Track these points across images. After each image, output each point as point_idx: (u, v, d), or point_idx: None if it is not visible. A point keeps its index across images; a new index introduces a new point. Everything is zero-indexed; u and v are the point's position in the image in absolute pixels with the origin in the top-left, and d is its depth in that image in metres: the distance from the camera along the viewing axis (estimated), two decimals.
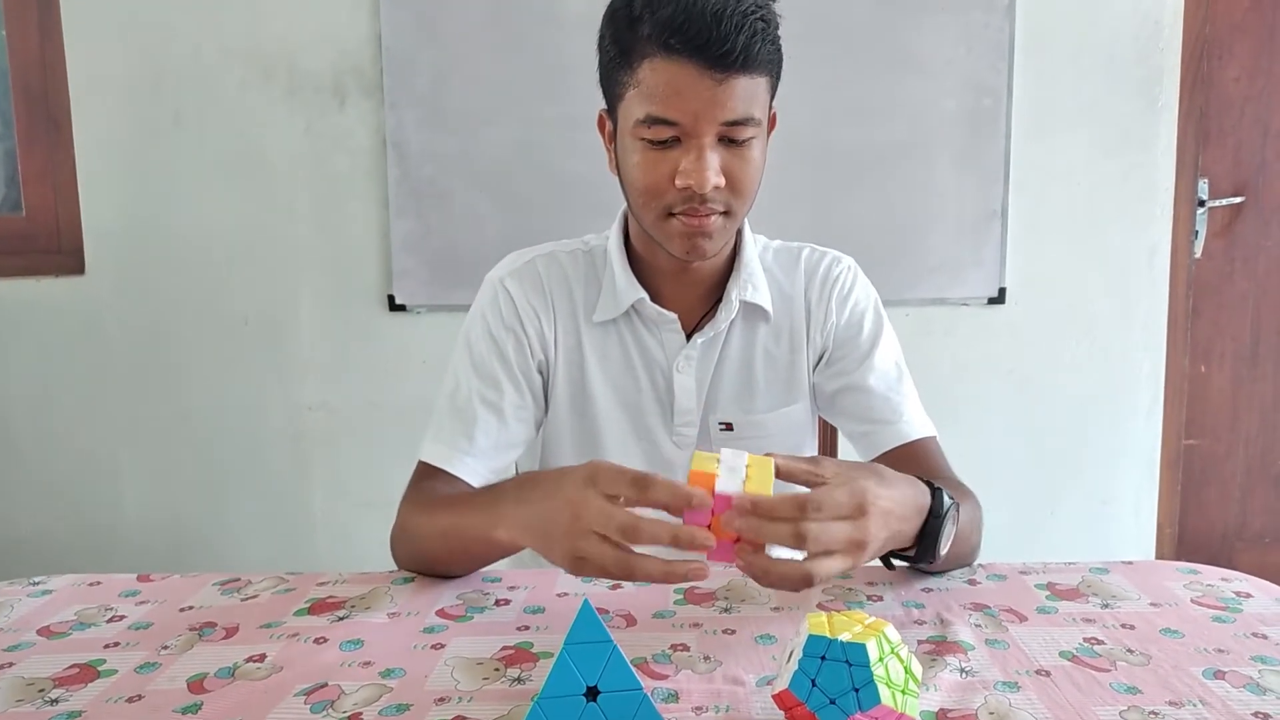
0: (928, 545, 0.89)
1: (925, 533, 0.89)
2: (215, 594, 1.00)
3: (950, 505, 0.90)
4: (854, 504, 0.79)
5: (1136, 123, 2.41)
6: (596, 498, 0.79)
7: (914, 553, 0.90)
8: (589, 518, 0.78)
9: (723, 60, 0.96)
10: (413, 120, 2.36)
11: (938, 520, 0.89)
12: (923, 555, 0.90)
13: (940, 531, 0.89)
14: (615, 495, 0.78)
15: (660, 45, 0.97)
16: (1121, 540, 2.57)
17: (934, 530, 0.89)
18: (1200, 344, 2.55)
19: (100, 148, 2.41)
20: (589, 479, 0.80)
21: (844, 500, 0.78)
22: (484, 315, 1.19)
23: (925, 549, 0.89)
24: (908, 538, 0.87)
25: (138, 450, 2.52)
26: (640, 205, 1.07)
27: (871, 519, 0.79)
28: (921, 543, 0.89)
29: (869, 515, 0.79)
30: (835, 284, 1.23)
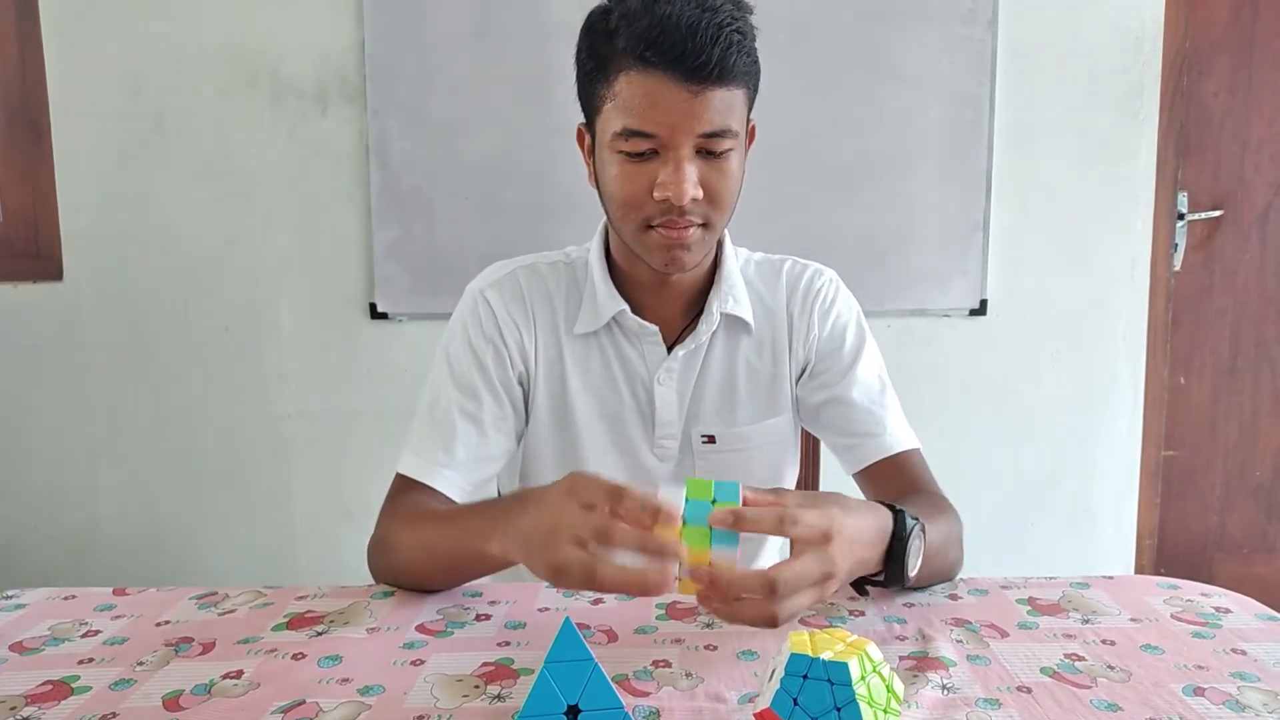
0: (895, 569, 0.89)
1: (891, 556, 0.89)
2: (192, 608, 0.99)
3: (914, 526, 0.90)
4: (823, 528, 0.78)
5: (1117, 136, 2.42)
6: (575, 506, 0.79)
7: (883, 577, 0.90)
8: (566, 524, 0.78)
9: (698, 72, 0.97)
10: (396, 127, 2.35)
11: (902, 543, 0.88)
12: (892, 579, 0.90)
13: (906, 554, 0.89)
14: (593, 504, 0.78)
15: (636, 58, 0.98)
16: (1101, 551, 2.58)
17: (899, 553, 0.88)
18: (1180, 356, 2.57)
19: (80, 153, 2.39)
20: (569, 490, 0.80)
21: (814, 521, 0.78)
22: (464, 326, 1.18)
23: (893, 572, 0.89)
24: (874, 563, 0.87)
25: (116, 458, 2.50)
26: (619, 218, 1.07)
27: (837, 547, 0.79)
28: (889, 566, 0.89)
29: (836, 541, 0.79)
30: (817, 296, 1.23)
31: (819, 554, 0.78)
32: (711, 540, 0.77)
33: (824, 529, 0.78)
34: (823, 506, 0.80)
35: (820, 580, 0.78)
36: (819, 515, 0.78)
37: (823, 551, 0.78)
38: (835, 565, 0.78)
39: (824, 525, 0.78)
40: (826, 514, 0.79)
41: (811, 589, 0.77)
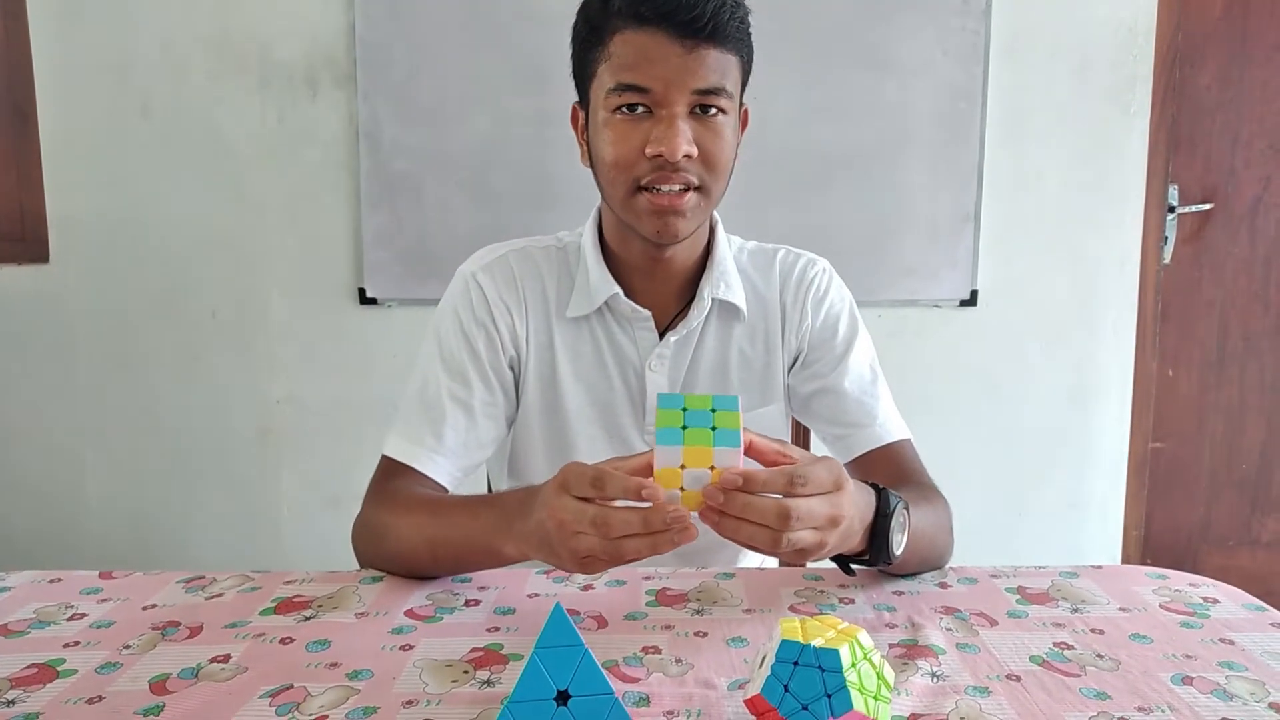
0: (879, 545, 0.89)
1: (875, 533, 0.89)
2: (179, 592, 0.99)
3: (897, 504, 0.91)
4: (833, 479, 0.79)
5: (1109, 128, 2.43)
6: (570, 501, 0.79)
7: (868, 555, 0.90)
8: (569, 520, 0.78)
9: (692, 27, 0.98)
10: (386, 112, 2.34)
11: (885, 519, 0.89)
12: (877, 556, 0.90)
13: (889, 530, 0.89)
14: (586, 496, 0.78)
15: (631, 16, 0.99)
16: (1089, 542, 2.59)
17: (883, 530, 0.89)
18: (1168, 348, 2.58)
19: (66, 136, 2.37)
20: (561, 485, 0.80)
21: (825, 476, 0.79)
22: (455, 310, 1.18)
23: (878, 549, 0.90)
24: (859, 540, 0.88)
25: (102, 443, 2.48)
26: (610, 181, 1.07)
27: (845, 496, 0.80)
28: (873, 544, 0.90)
29: (844, 491, 0.80)
30: (810, 286, 1.23)
31: (829, 497, 0.79)
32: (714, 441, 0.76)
33: (834, 479, 0.79)
34: (828, 460, 0.81)
35: (827, 521, 0.78)
36: (827, 469, 0.79)
37: (832, 496, 0.79)
38: (843, 511, 0.79)
39: (833, 476, 0.79)
40: (834, 467, 0.80)
41: (817, 530, 0.78)
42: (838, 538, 0.80)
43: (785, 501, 0.75)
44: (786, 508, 0.75)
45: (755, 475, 0.76)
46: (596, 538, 0.77)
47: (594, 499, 0.78)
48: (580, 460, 1.20)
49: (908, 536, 0.93)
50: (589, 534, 0.77)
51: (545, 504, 0.81)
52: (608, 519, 0.76)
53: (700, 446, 0.76)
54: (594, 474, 0.77)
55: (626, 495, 0.76)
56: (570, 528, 0.78)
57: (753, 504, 0.75)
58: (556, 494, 0.80)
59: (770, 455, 0.82)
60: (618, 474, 0.77)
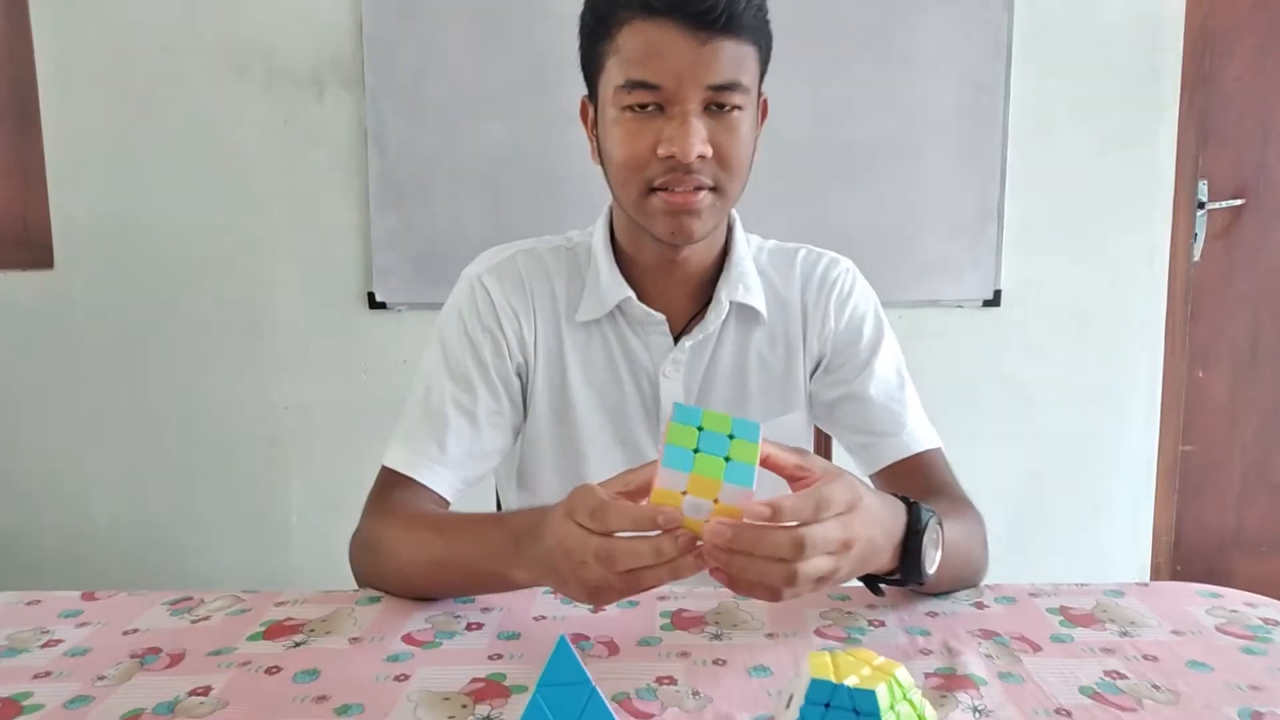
0: (911, 565, 0.83)
1: (906, 551, 0.83)
2: (164, 615, 0.93)
3: (929, 519, 0.84)
4: (848, 498, 0.73)
5: (1136, 121, 2.35)
6: (576, 529, 0.73)
7: (899, 574, 0.84)
8: (575, 550, 0.72)
9: (705, 18, 0.91)
10: (394, 113, 2.29)
11: (917, 537, 0.83)
12: (909, 575, 0.84)
13: (921, 548, 0.83)
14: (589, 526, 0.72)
15: (640, 6, 0.93)
16: (1117, 548, 2.52)
17: (914, 548, 0.83)
18: (1198, 348, 2.50)
19: (70, 139, 2.33)
20: (568, 510, 0.74)
21: (841, 496, 0.72)
22: (460, 314, 1.12)
23: (910, 569, 0.83)
24: (888, 558, 0.81)
25: (106, 450, 2.44)
26: (621, 182, 1.01)
27: (858, 516, 0.73)
28: (905, 562, 0.83)
29: (857, 511, 0.73)
30: (833, 287, 1.16)
31: (842, 520, 0.72)
32: (724, 475, 0.70)
33: (849, 500, 0.73)
34: (845, 476, 0.75)
35: (840, 546, 0.72)
36: (845, 487, 0.73)
37: (845, 518, 0.72)
38: (855, 533, 0.73)
39: (849, 496, 0.73)
40: (851, 485, 0.74)
41: (829, 556, 0.72)
42: (852, 563, 0.74)
43: (798, 531, 0.69)
44: (800, 537, 0.68)
45: (781, 504, 0.69)
46: (604, 570, 0.71)
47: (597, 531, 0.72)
48: (591, 471, 1.16)
49: (941, 553, 0.87)
50: (596, 566, 0.71)
51: (553, 530, 0.75)
52: (612, 552, 0.70)
53: (709, 478, 0.69)
54: (595, 503, 0.71)
55: (635, 527, 0.70)
56: (577, 557, 0.72)
57: (764, 537, 0.69)
58: (563, 520, 0.74)
59: (790, 469, 0.75)
60: (621, 505, 0.71)
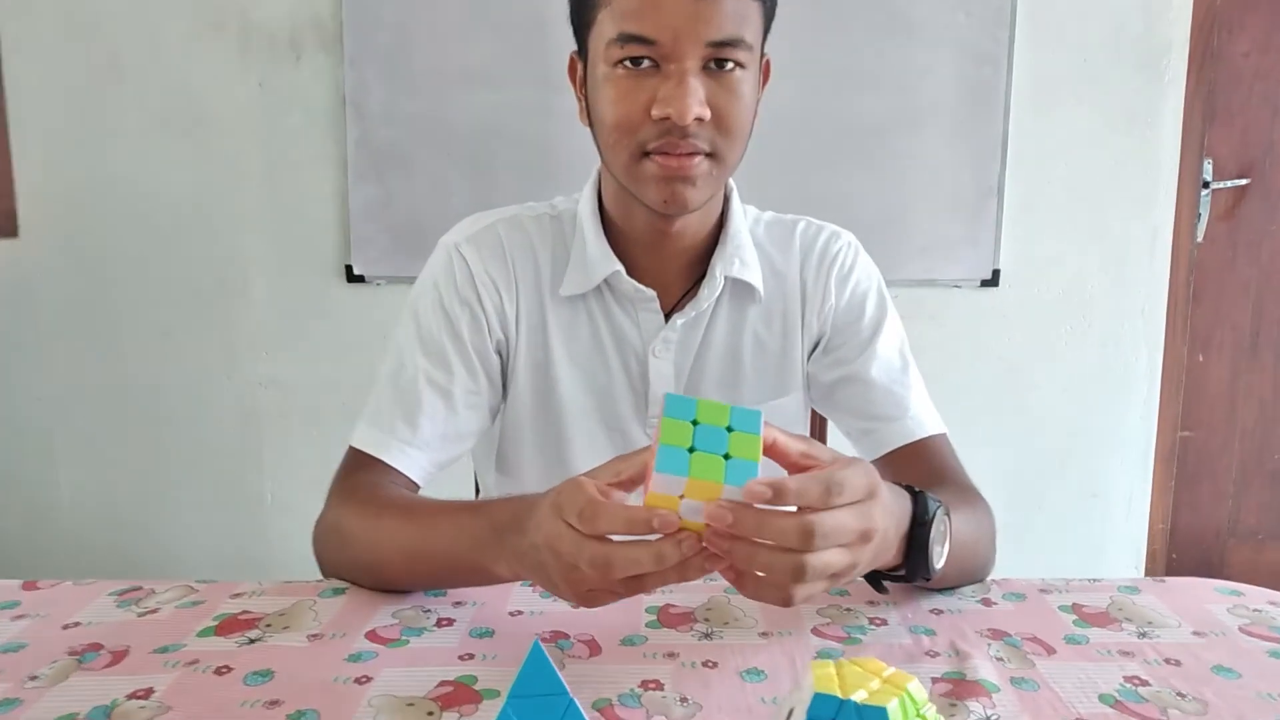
0: (918, 559, 0.76)
1: (913, 545, 0.76)
2: (109, 606, 0.86)
3: (937, 509, 0.77)
4: (866, 485, 0.65)
5: (1141, 98, 2.29)
6: (567, 530, 0.65)
7: (904, 570, 0.77)
8: (565, 550, 0.65)
9: None
10: (375, 78, 2.20)
11: (924, 528, 0.76)
12: (915, 571, 0.77)
13: (929, 541, 0.76)
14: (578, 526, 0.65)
15: None
16: (1112, 535, 2.47)
17: (922, 540, 0.76)
18: (1199, 332, 2.44)
19: (35, 102, 2.24)
20: (555, 506, 0.67)
21: (858, 481, 0.64)
22: (436, 285, 1.05)
23: (916, 564, 0.77)
24: (893, 546, 0.74)
25: (72, 425, 2.37)
26: (612, 145, 0.93)
27: (878, 505, 0.66)
28: (911, 557, 0.76)
29: (878, 499, 0.66)
30: (834, 262, 1.09)
31: (859, 508, 0.64)
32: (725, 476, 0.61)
33: (868, 486, 0.65)
34: (862, 462, 0.67)
35: (857, 538, 0.64)
36: (861, 472, 0.65)
37: (863, 506, 0.64)
38: (875, 523, 0.65)
39: (867, 482, 0.65)
40: (868, 471, 0.66)
41: (844, 549, 0.64)
42: (869, 555, 0.66)
43: (807, 517, 0.61)
44: (809, 524, 0.61)
45: (785, 484, 0.61)
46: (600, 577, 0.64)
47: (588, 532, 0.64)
48: (575, 455, 1.09)
49: (949, 547, 0.80)
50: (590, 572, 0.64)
51: (539, 526, 0.68)
52: (609, 559, 0.63)
53: (708, 481, 0.61)
54: (584, 502, 0.64)
55: (629, 529, 0.63)
56: (568, 560, 0.65)
57: (768, 522, 0.61)
58: (552, 518, 0.66)
59: (794, 457, 0.67)
60: (613, 506, 0.63)
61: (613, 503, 0.64)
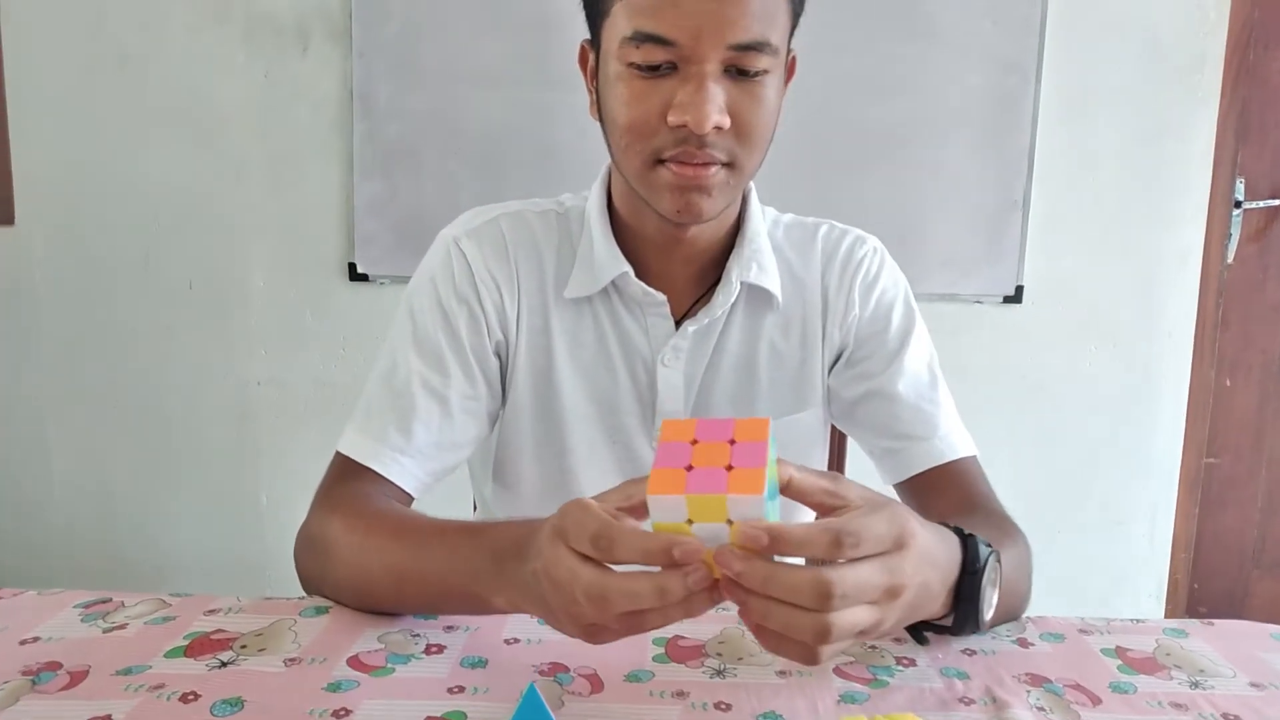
0: (966, 612, 0.69)
1: (961, 594, 0.68)
2: (74, 620, 0.79)
3: (989, 556, 0.70)
4: (893, 535, 0.57)
5: (1174, 113, 2.21)
6: (568, 556, 0.58)
7: (951, 621, 0.70)
8: (565, 580, 0.58)
9: None
10: (383, 71, 2.14)
11: (974, 579, 0.68)
12: (962, 624, 0.70)
13: (979, 591, 0.69)
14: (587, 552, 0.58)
15: None
16: (1133, 562, 2.40)
17: (971, 592, 0.68)
18: (1227, 355, 2.37)
19: (35, 89, 2.19)
20: (557, 531, 0.59)
21: (882, 530, 0.57)
22: (433, 282, 0.98)
23: (964, 616, 0.69)
24: (938, 598, 0.66)
25: (68, 421, 2.31)
26: (624, 149, 0.87)
27: (908, 557, 0.58)
28: (959, 608, 0.69)
29: (907, 551, 0.58)
30: (859, 268, 1.03)
31: (886, 561, 0.57)
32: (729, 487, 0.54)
33: (895, 535, 0.57)
34: (890, 507, 0.59)
35: (884, 595, 0.57)
36: (888, 520, 0.57)
37: (891, 559, 0.57)
38: (905, 578, 0.57)
39: (895, 532, 0.57)
40: (896, 517, 0.58)
41: (872, 606, 0.56)
42: (900, 612, 0.59)
43: (823, 573, 0.53)
44: (826, 582, 0.53)
45: (787, 532, 0.54)
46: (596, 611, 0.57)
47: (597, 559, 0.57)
48: (578, 467, 1.02)
49: (998, 596, 0.73)
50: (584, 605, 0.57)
51: (540, 553, 0.61)
52: (605, 592, 0.56)
53: (709, 494, 0.54)
54: (597, 528, 0.56)
55: (646, 559, 0.55)
56: (566, 591, 0.58)
57: (776, 576, 0.53)
58: (552, 542, 0.59)
59: (817, 496, 0.60)
60: (630, 533, 0.56)
61: (629, 528, 0.56)
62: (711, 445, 0.57)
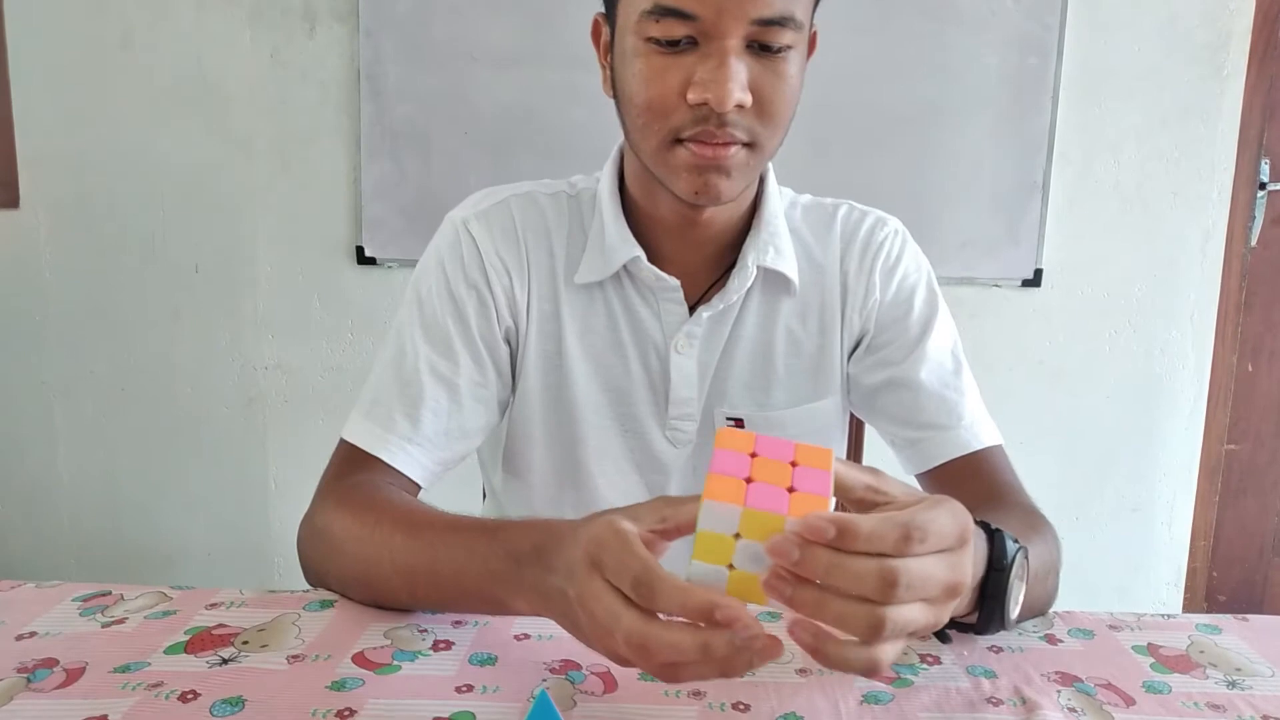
0: (993, 610, 0.66)
1: (987, 591, 0.66)
2: (72, 614, 0.77)
3: (1016, 552, 0.67)
4: (957, 531, 0.54)
5: (1197, 92, 2.17)
6: (605, 592, 0.54)
7: (976, 619, 0.67)
8: (602, 617, 0.55)
9: None
10: (391, 51, 2.11)
11: (1002, 575, 0.66)
12: (988, 622, 0.67)
13: (1006, 589, 0.66)
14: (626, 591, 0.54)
15: None
16: (1152, 551, 2.36)
17: (999, 587, 0.66)
18: (1249, 341, 2.33)
19: (39, 69, 2.16)
20: (593, 562, 0.56)
21: (948, 526, 0.53)
22: (441, 265, 0.96)
23: (990, 614, 0.66)
24: (968, 596, 0.64)
25: (73, 405, 2.29)
26: (640, 128, 0.83)
27: (968, 555, 0.55)
28: (984, 605, 0.66)
29: (969, 548, 0.55)
30: (880, 251, 1.00)
31: (948, 557, 0.53)
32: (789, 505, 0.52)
33: (959, 532, 0.54)
34: (952, 503, 0.55)
35: (944, 592, 0.53)
36: (951, 515, 0.54)
37: (954, 555, 0.54)
38: (965, 575, 0.55)
39: (958, 528, 0.54)
40: (959, 513, 0.55)
41: (926, 604, 0.53)
42: (950, 611, 0.56)
43: (891, 561, 0.50)
44: (893, 570, 0.50)
45: (855, 525, 0.50)
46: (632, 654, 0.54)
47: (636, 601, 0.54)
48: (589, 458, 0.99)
49: (1025, 592, 0.70)
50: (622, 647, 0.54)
51: (572, 577, 0.57)
52: (647, 642, 0.52)
53: (769, 512, 0.51)
54: (639, 570, 0.53)
55: (686, 615, 0.52)
56: (607, 629, 0.54)
57: (841, 563, 0.50)
58: (588, 574, 0.55)
59: (859, 492, 0.57)
60: (671, 585, 0.52)
61: (670, 580, 0.52)
62: (772, 463, 0.54)
